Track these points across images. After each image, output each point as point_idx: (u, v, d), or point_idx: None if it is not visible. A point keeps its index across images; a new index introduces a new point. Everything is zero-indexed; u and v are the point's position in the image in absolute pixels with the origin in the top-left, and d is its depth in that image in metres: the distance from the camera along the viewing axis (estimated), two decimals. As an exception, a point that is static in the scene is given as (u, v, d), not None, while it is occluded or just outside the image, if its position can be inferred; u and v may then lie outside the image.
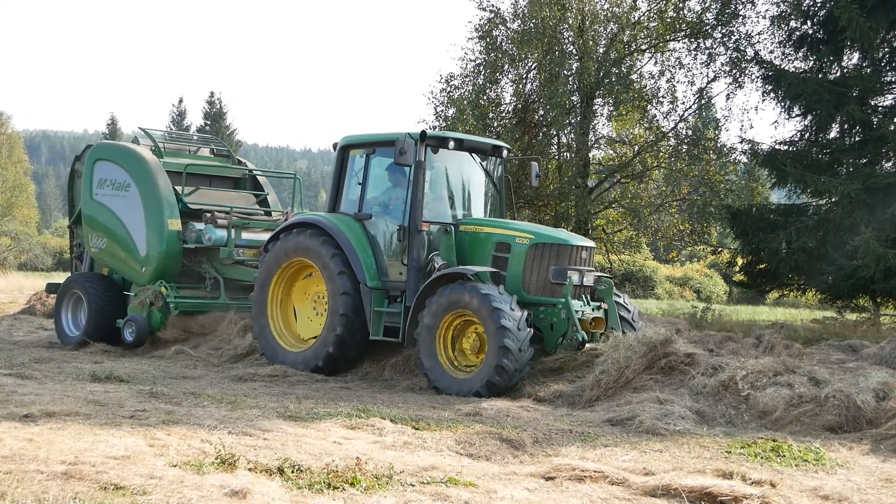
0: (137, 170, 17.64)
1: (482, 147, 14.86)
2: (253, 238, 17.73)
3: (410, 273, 13.79)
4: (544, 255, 13.49)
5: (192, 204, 17.83)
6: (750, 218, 23.89)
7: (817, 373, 11.33)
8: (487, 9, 27.60)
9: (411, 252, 13.79)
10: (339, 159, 14.96)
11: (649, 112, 27.73)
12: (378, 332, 14.07)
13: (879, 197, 20.83)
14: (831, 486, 7.72)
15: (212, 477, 6.93)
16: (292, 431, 9.13)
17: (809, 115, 23.29)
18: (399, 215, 14.12)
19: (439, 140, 14.14)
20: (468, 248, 13.94)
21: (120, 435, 8.41)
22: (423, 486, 7.19)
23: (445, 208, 14.48)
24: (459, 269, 13.16)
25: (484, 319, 12.45)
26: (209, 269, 17.90)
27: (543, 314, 13.33)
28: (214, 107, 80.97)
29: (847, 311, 24.48)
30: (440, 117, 27.94)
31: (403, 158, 13.34)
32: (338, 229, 14.30)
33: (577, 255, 13.67)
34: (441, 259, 13.72)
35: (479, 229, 14.00)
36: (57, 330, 18.44)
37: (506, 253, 13.62)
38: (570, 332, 13.07)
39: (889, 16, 21.73)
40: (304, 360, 14.45)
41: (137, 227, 17.57)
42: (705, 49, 26.70)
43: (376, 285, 14.08)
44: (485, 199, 15.09)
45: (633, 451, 8.97)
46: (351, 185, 14.85)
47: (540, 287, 13.46)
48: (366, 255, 14.14)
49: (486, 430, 9.51)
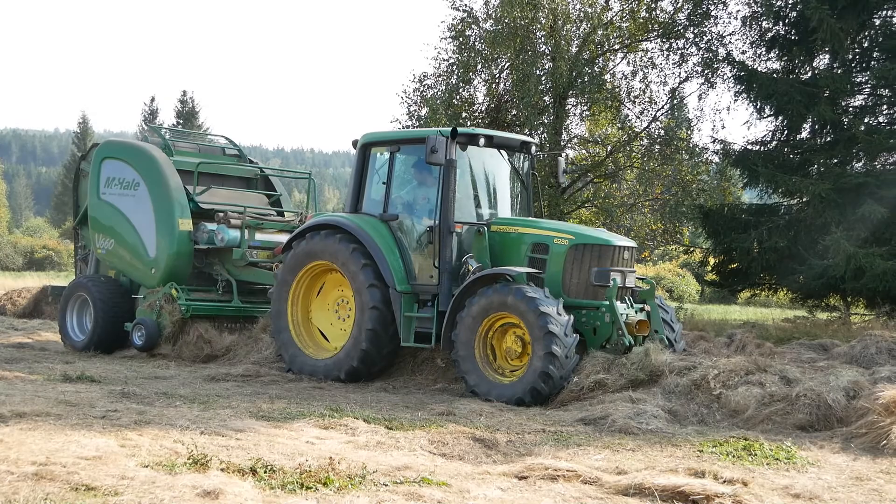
0: (147, 168, 17.08)
1: (511, 143, 14.30)
2: (267, 239, 17.20)
3: (443, 276, 13.22)
4: (585, 257, 12.93)
5: (203, 204, 17.29)
6: (722, 217, 24.01)
7: (788, 372, 11.39)
8: (460, 8, 27.59)
9: (443, 254, 13.22)
10: (361, 158, 14.35)
11: (622, 112, 27.82)
12: (409, 339, 13.48)
13: (850, 197, 20.98)
14: (802, 485, 7.76)
15: (184, 477, 6.91)
16: (265, 431, 9.11)
17: (781, 115, 23.43)
18: (427, 215, 13.61)
19: (469, 137, 13.63)
20: (501, 248, 13.37)
21: (91, 435, 8.37)
22: (396, 486, 7.18)
23: (473, 207, 13.90)
24: (501, 270, 12.67)
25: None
26: (221, 271, 17.31)
27: (586, 318, 12.74)
28: (187, 105, 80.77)
29: (818, 310, 24.65)
30: (413, 117, 27.91)
31: (435, 157, 12.84)
32: (364, 232, 13.72)
33: (620, 255, 13.12)
34: (475, 261, 13.17)
35: (513, 229, 13.43)
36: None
37: (543, 254, 13.07)
38: (616, 336, 12.50)
39: (859, 17, 21.91)
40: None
41: (147, 227, 16.97)
42: (677, 49, 26.77)
43: (405, 289, 13.48)
44: (511, 198, 14.48)
45: (606, 451, 9.00)
46: (373, 185, 14.30)
47: (581, 289, 12.90)
48: (394, 258, 13.57)
49: (460, 430, 9.52)
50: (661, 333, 12.85)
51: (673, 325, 13.21)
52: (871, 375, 11.50)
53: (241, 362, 15.15)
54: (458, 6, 27.63)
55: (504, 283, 12.53)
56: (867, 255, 19.93)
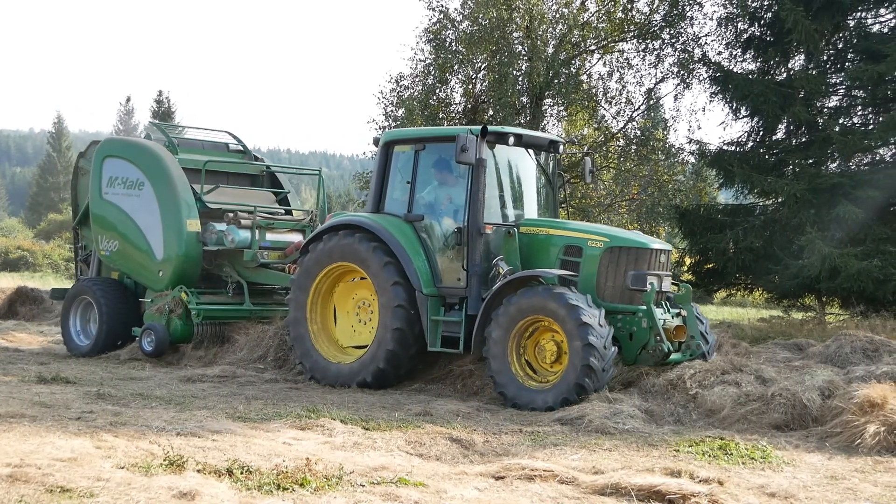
0: (152, 167, 16.39)
1: (539, 142, 13.86)
2: (277, 239, 16.63)
3: (472, 279, 12.76)
4: (621, 260, 12.41)
5: (211, 203, 16.66)
6: (698, 218, 24.10)
7: (764, 371, 11.46)
8: (436, 9, 27.63)
9: (472, 256, 12.75)
10: (383, 156, 13.83)
11: (598, 112, 27.93)
12: (436, 343, 13.00)
13: (825, 197, 21.09)
14: (778, 484, 7.80)
15: (160, 478, 6.88)
16: (241, 432, 9.09)
17: (756, 116, 23.54)
18: (454, 216, 13.16)
19: (498, 136, 13.14)
20: (529, 250, 12.86)
21: (66, 437, 8.34)
22: (373, 487, 7.18)
23: (498, 208, 13.38)
24: (537, 273, 12.24)
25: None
26: (231, 273, 16.59)
27: (621, 323, 12.20)
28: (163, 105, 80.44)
29: (793, 310, 24.76)
30: (390, 117, 27.94)
31: (465, 156, 12.40)
32: (388, 232, 13.22)
33: (656, 259, 12.62)
34: (506, 264, 12.66)
35: (543, 231, 12.95)
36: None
37: (576, 257, 12.55)
38: (654, 343, 12.02)
39: (834, 18, 22.03)
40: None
41: (153, 228, 16.27)
42: (653, 50, 26.91)
43: (432, 292, 13.01)
44: (537, 198, 13.99)
45: (583, 450, 9.01)
46: (395, 184, 13.79)
47: (617, 294, 12.37)
48: (420, 260, 13.07)
49: (437, 430, 9.52)
50: (698, 339, 12.45)
51: (707, 337, 12.79)
52: (846, 375, 11.59)
53: (218, 363, 15.07)
54: (434, 7, 27.69)
55: (538, 285, 12.17)
56: (842, 255, 20.04)
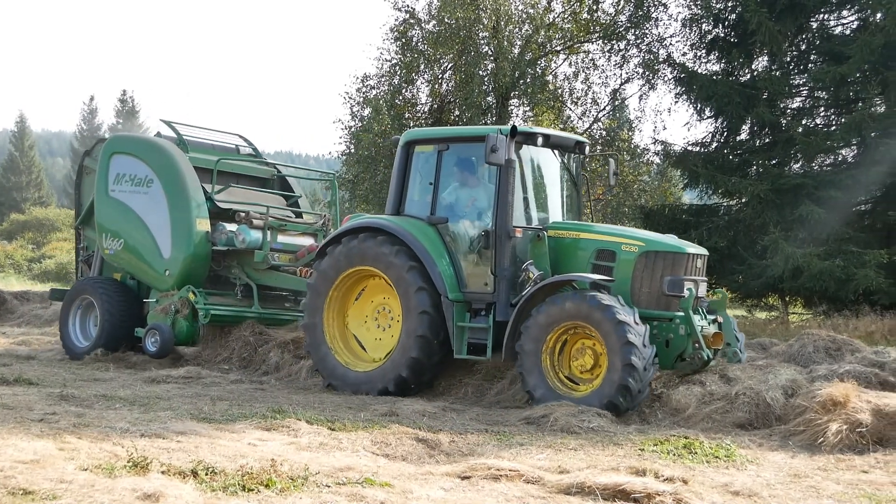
0: (161, 165, 16.06)
1: (566, 143, 13.35)
2: (287, 241, 16.36)
3: (500, 284, 12.23)
4: (657, 265, 11.93)
5: (221, 203, 16.34)
6: (662, 218, 24.26)
7: (728, 371, 11.52)
8: (403, 9, 27.65)
9: (501, 260, 12.23)
10: (403, 156, 13.27)
11: (564, 113, 28.03)
12: (462, 350, 12.43)
13: (788, 197, 21.28)
14: (742, 482, 7.84)
15: (124, 480, 6.83)
16: (206, 433, 9.03)
17: (720, 116, 23.75)
18: (479, 219, 12.69)
19: (526, 136, 12.66)
20: (557, 254, 12.36)
21: (29, 439, 8.26)
22: (338, 487, 7.16)
23: (523, 210, 12.80)
24: (570, 277, 11.84)
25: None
26: (240, 275, 16.27)
27: (657, 329, 11.70)
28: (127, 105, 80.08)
29: (757, 309, 24.97)
30: (356, 117, 27.95)
31: (495, 157, 11.85)
32: (411, 236, 12.67)
33: (693, 264, 12.17)
34: (536, 268, 12.13)
35: (573, 234, 12.46)
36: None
37: (610, 261, 12.05)
38: (692, 350, 11.60)
39: (797, 20, 22.26)
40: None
41: (161, 227, 15.91)
42: (619, 51, 27.06)
43: (458, 297, 12.47)
44: (562, 200, 13.46)
45: (549, 450, 9.03)
46: (416, 185, 13.27)
47: (653, 300, 11.88)
48: (444, 264, 12.54)
49: (402, 431, 9.51)
50: (734, 346, 12.19)
51: (738, 339, 12.45)
52: (809, 374, 11.67)
53: (182, 364, 14.99)
54: (400, 7, 27.74)
55: (570, 290, 11.83)
56: (805, 255, 20.23)
